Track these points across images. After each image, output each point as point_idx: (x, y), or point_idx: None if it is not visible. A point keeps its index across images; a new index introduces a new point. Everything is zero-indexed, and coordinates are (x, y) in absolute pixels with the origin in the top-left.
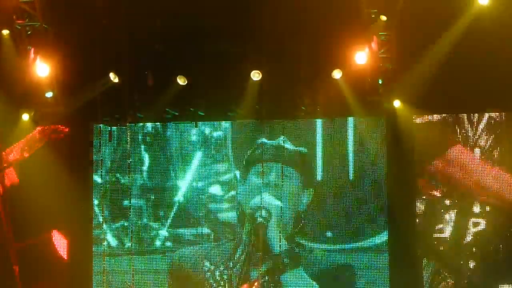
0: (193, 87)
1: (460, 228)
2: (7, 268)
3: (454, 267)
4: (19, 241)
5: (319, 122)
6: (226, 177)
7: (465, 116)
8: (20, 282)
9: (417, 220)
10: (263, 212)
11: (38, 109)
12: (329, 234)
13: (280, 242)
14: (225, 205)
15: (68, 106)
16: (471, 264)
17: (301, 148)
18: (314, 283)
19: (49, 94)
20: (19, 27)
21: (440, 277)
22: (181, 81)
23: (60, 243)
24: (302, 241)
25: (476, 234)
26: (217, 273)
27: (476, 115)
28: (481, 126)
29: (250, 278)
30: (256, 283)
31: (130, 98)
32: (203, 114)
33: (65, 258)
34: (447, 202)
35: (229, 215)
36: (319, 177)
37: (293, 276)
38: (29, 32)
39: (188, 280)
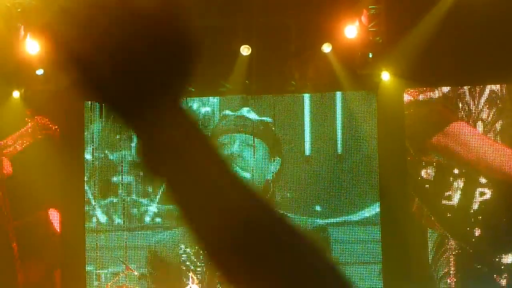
0: None
1: (467, 196)
2: (5, 245)
3: (460, 234)
4: (16, 219)
5: (307, 97)
6: None
7: (466, 90)
8: (18, 259)
9: (427, 186)
10: None
11: (28, 86)
12: (318, 208)
13: None
14: None
15: (58, 83)
16: (477, 232)
17: (266, 118)
18: None
19: (39, 72)
20: (9, 5)
21: (445, 247)
22: None
23: (56, 220)
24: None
25: (482, 203)
26: (191, 253)
27: (478, 89)
28: (483, 100)
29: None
30: None
31: None
32: (193, 90)
33: (59, 232)
34: (456, 171)
35: None
36: (307, 151)
37: None
38: (19, 10)
39: (165, 266)
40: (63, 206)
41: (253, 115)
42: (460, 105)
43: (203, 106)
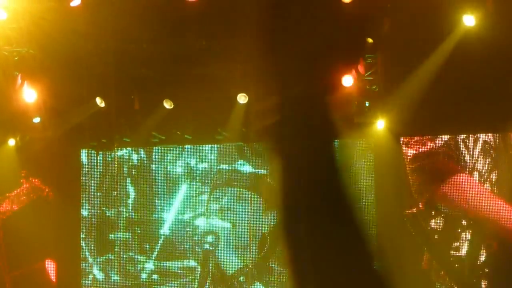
0: (179, 111)
1: (475, 247)
2: None
3: (467, 286)
4: (13, 270)
5: None
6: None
7: (460, 141)
8: None
9: (436, 236)
10: (210, 238)
11: (25, 134)
12: None
13: (233, 264)
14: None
15: (55, 131)
16: (483, 284)
17: (260, 170)
18: None
19: (36, 120)
20: (6, 53)
21: None
22: (168, 104)
23: (53, 271)
24: (271, 265)
25: (489, 255)
26: None
27: (471, 139)
28: (477, 150)
29: None
30: None
31: (117, 123)
32: (190, 137)
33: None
34: (464, 222)
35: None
36: None
37: None
38: (16, 58)
39: None
40: (60, 262)
41: (247, 168)
42: (456, 157)
43: (200, 162)
